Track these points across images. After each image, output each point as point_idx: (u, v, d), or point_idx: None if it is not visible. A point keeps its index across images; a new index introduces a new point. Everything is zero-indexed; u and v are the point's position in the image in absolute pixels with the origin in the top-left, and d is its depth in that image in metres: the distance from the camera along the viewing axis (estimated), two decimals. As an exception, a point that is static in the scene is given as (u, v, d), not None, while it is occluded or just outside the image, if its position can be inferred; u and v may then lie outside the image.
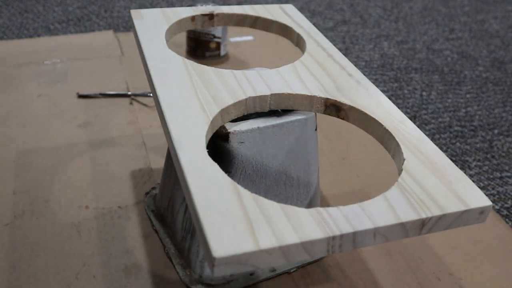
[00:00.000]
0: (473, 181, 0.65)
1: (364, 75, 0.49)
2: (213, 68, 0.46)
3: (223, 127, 0.44)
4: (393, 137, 0.40)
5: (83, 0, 1.22)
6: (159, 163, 0.65)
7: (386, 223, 0.32)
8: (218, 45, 0.91)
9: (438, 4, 1.38)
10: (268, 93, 0.44)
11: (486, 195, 0.66)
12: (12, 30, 1.06)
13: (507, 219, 0.65)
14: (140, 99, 0.79)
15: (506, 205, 0.68)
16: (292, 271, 0.52)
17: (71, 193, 0.60)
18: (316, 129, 0.49)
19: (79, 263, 0.52)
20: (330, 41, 0.67)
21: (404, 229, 0.33)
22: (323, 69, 0.48)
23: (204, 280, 0.50)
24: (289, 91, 0.44)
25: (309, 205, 0.52)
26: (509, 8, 1.39)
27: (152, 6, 1.23)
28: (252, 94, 0.43)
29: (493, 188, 0.71)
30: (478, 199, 0.35)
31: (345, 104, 0.43)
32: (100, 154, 0.67)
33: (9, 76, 0.83)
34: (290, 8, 0.60)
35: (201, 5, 0.65)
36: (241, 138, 0.44)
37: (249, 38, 1.02)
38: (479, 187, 0.64)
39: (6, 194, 0.59)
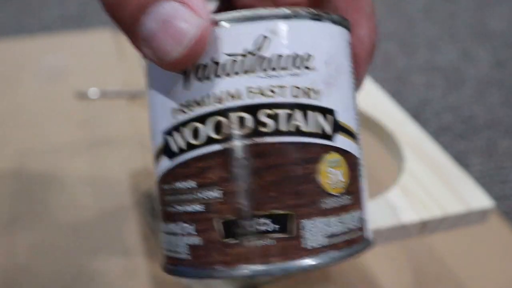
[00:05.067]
0: (474, 181, 0.65)
1: (365, 75, 0.48)
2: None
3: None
4: (394, 137, 0.40)
5: (83, -1, 1.22)
6: (159, 163, 0.65)
7: (386, 224, 0.32)
8: None
9: (440, 3, 1.38)
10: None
11: (488, 195, 0.66)
12: (9, 29, 1.06)
13: (508, 219, 0.65)
14: (139, 98, 0.79)
15: (507, 205, 0.68)
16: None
17: (71, 193, 0.60)
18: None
19: (78, 263, 0.51)
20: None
21: (405, 230, 0.32)
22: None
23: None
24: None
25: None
26: None
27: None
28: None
29: (494, 188, 0.71)
30: (480, 199, 0.34)
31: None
32: (99, 154, 0.67)
33: (8, 75, 0.83)
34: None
35: None
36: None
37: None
38: (480, 187, 0.64)
39: (6, 195, 0.59)
